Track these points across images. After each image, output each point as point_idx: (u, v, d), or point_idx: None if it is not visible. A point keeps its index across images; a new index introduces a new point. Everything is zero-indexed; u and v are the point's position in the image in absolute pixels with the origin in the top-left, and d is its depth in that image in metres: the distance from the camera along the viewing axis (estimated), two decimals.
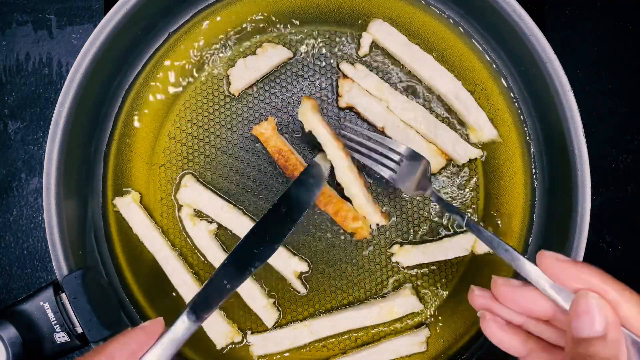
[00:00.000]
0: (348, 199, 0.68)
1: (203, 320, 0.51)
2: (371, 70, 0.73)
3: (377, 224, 0.69)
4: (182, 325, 0.50)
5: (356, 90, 0.72)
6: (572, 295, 0.47)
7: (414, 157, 0.66)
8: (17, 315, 0.59)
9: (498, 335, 0.51)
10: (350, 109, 0.73)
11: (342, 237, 0.72)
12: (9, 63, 0.79)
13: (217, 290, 0.53)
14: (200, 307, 0.51)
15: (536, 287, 0.49)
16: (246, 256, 0.55)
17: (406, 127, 0.72)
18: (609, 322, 0.43)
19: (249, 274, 0.55)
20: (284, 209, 0.58)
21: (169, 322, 0.52)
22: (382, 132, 0.72)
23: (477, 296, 0.53)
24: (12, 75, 0.79)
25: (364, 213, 0.68)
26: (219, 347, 0.72)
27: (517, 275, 0.72)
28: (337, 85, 0.73)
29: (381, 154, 0.67)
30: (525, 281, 0.51)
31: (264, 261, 0.56)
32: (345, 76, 0.72)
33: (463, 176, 0.73)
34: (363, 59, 0.73)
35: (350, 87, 0.72)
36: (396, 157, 0.66)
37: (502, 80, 0.73)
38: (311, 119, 0.66)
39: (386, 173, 0.67)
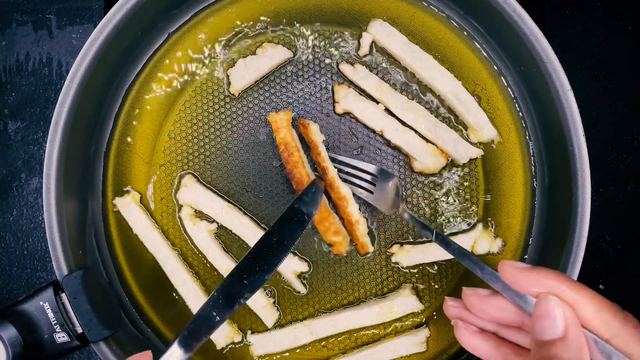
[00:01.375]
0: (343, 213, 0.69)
1: (193, 351, 0.52)
2: (371, 71, 0.73)
3: (363, 249, 0.71)
4: (172, 357, 0.51)
5: (352, 96, 0.72)
6: (534, 300, 0.48)
7: (385, 175, 0.69)
8: (17, 315, 0.59)
9: (471, 342, 0.53)
10: (348, 114, 0.73)
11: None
12: (9, 63, 0.79)
13: (205, 322, 0.53)
14: (189, 339, 0.52)
15: (503, 296, 0.51)
16: (236, 287, 0.55)
17: (404, 129, 0.72)
18: (568, 323, 0.44)
19: (238, 305, 0.54)
20: (275, 238, 0.58)
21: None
22: (381, 136, 0.72)
23: (450, 307, 0.55)
24: (12, 75, 0.79)
25: (358, 234, 0.70)
26: (219, 346, 0.72)
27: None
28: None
29: (355, 176, 0.70)
30: (494, 290, 0.52)
31: (254, 292, 0.55)
32: (340, 82, 0.72)
33: (463, 176, 0.73)
34: (363, 59, 0.73)
35: (347, 93, 0.72)
36: (369, 177, 0.69)
37: (502, 80, 0.73)
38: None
39: (363, 194, 0.69)
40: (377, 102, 0.72)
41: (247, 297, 0.55)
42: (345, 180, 0.70)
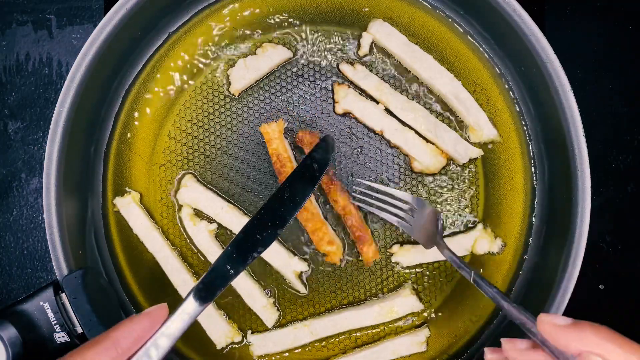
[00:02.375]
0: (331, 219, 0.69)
1: (206, 305, 0.52)
2: (371, 71, 0.73)
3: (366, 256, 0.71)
4: (186, 310, 0.51)
5: (352, 95, 0.72)
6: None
7: (422, 205, 0.67)
8: (17, 315, 0.59)
9: None
10: (348, 114, 0.73)
11: (342, 237, 0.72)
12: (9, 63, 0.79)
13: (220, 275, 0.54)
14: (204, 292, 0.52)
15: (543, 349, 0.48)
16: (249, 242, 0.56)
17: (404, 129, 0.72)
18: None
19: (251, 259, 0.55)
20: (286, 195, 0.58)
21: (173, 309, 0.52)
22: (381, 136, 0.72)
23: (490, 359, 0.53)
24: (12, 75, 0.79)
25: (369, 242, 0.70)
26: (219, 347, 0.72)
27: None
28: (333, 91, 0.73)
29: (390, 204, 0.68)
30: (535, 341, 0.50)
31: (267, 247, 0.56)
32: (340, 82, 0.72)
33: (463, 176, 0.73)
34: (363, 59, 0.73)
35: (346, 93, 0.72)
36: (405, 206, 0.67)
37: (502, 80, 0.73)
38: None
39: (394, 220, 0.68)
40: (377, 102, 0.72)
41: (260, 251, 0.55)
42: (380, 209, 0.68)
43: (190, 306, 0.51)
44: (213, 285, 0.53)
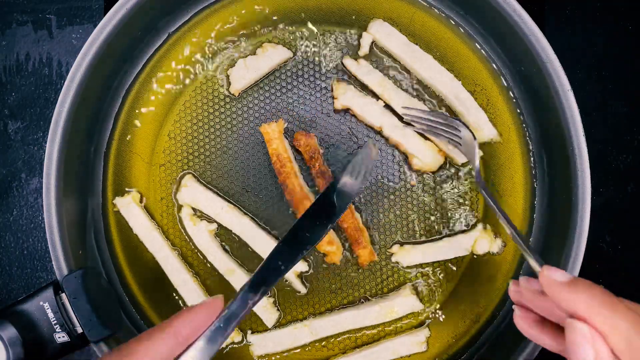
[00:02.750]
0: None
1: (259, 299, 0.53)
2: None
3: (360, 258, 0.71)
4: (241, 304, 0.52)
5: (352, 92, 0.72)
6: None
7: (461, 126, 0.67)
8: (17, 315, 0.59)
9: (527, 331, 0.51)
10: (347, 110, 0.73)
11: (342, 237, 0.72)
12: (9, 63, 0.79)
13: (272, 270, 0.55)
14: (257, 287, 0.53)
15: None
16: (299, 239, 0.57)
17: (404, 126, 0.72)
18: (599, 356, 0.42)
19: (301, 256, 0.57)
20: (334, 194, 0.60)
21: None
22: (379, 133, 0.72)
23: (511, 291, 0.54)
24: (12, 75, 0.79)
25: (365, 242, 0.70)
26: None
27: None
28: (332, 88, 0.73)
29: (441, 127, 0.69)
30: None
31: (315, 244, 0.58)
32: (339, 79, 0.72)
33: (463, 175, 0.73)
34: (363, 59, 0.73)
35: (346, 90, 0.72)
36: (450, 129, 0.68)
37: (502, 80, 0.73)
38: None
39: (444, 140, 0.69)
40: (377, 99, 0.72)
41: (309, 248, 0.57)
42: (433, 133, 0.70)
43: (245, 299, 0.52)
44: (266, 280, 0.54)
